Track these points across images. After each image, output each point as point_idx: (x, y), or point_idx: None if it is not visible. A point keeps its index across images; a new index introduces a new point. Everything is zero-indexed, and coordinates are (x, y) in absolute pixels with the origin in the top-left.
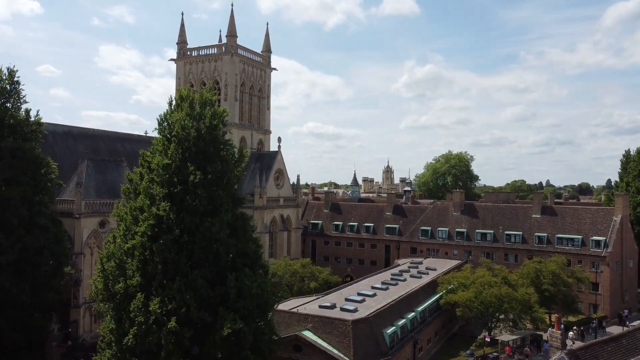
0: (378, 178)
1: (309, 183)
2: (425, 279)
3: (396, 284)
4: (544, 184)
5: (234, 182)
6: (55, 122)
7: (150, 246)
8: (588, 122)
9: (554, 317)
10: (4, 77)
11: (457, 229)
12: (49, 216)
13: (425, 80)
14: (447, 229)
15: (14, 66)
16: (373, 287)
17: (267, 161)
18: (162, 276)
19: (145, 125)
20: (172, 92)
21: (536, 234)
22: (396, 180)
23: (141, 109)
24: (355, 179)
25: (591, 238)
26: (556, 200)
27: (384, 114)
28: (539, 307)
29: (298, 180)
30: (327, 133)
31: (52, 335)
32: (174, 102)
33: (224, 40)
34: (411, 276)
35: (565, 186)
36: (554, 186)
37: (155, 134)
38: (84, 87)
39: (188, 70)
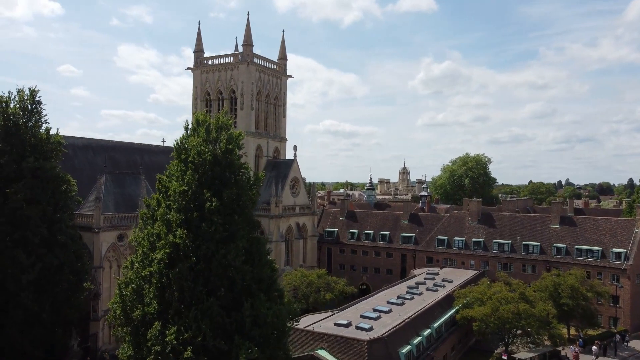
0: (394, 176)
1: (325, 182)
2: (442, 292)
3: (412, 298)
4: (563, 183)
5: (249, 205)
6: (75, 134)
7: (167, 273)
8: (609, 118)
9: (573, 331)
10: (26, 97)
11: (474, 239)
12: (68, 233)
13: (443, 77)
14: (463, 238)
15: (35, 86)
16: (389, 302)
17: (283, 169)
18: (179, 303)
19: (163, 123)
20: (190, 97)
21: (555, 244)
22: (412, 178)
23: (159, 108)
24: (371, 184)
25: (611, 250)
26: (575, 201)
27: (400, 111)
28: (558, 321)
29: (314, 188)
30: (344, 131)
31: (71, 351)
32: (190, 127)
33: (240, 48)
34: (427, 289)
35: (586, 185)
36: (574, 185)
37: (172, 140)
38: (104, 87)
39: (205, 79)
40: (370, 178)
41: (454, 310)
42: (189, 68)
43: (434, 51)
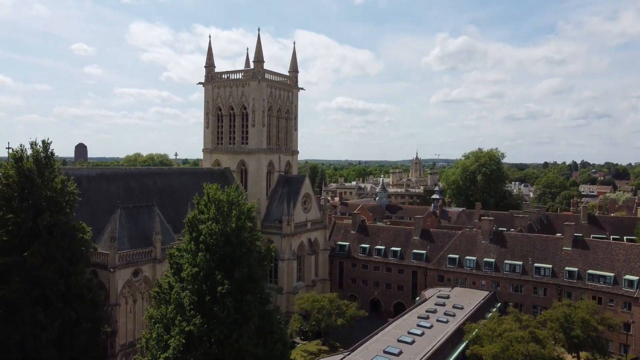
0: (407, 154)
1: (338, 163)
2: (452, 324)
3: (422, 334)
4: (578, 163)
5: (261, 277)
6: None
7: (182, 358)
8: (629, 93)
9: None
10: (39, 150)
11: (486, 259)
12: (84, 285)
13: (458, 52)
14: (475, 258)
15: (47, 138)
16: (399, 341)
17: (295, 186)
18: None
19: (176, 101)
20: (201, 110)
21: (567, 268)
22: (426, 156)
23: (172, 86)
24: (383, 186)
25: (624, 277)
26: (590, 187)
27: (414, 88)
28: (568, 351)
29: (325, 202)
30: (357, 108)
31: None
32: (201, 204)
33: (251, 56)
34: (437, 320)
35: (601, 166)
36: (589, 165)
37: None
38: (117, 65)
39: (216, 94)
40: (382, 180)
41: (464, 345)
42: (200, 83)
43: (450, 26)
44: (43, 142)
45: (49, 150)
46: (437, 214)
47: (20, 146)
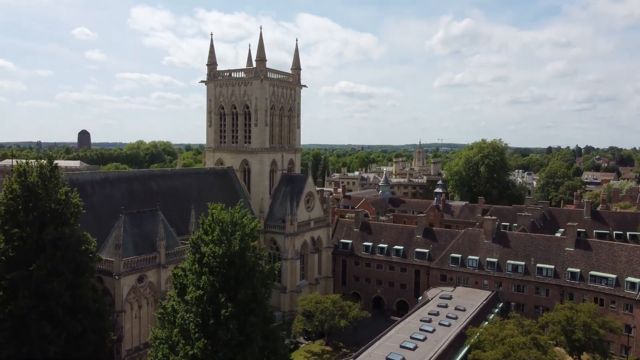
0: (409, 139)
1: (340, 147)
2: (454, 328)
3: (424, 339)
4: (582, 148)
5: (265, 297)
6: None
7: None
8: (634, 76)
9: None
10: (44, 164)
11: (488, 259)
12: (90, 297)
13: (462, 36)
14: (477, 257)
15: (51, 148)
16: (402, 347)
17: (298, 184)
18: None
19: (178, 86)
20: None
21: (569, 269)
22: (429, 141)
23: (174, 70)
24: (386, 179)
25: (626, 279)
26: (593, 174)
27: (417, 71)
28: (569, 354)
29: (328, 200)
30: (359, 92)
31: None
32: (205, 224)
33: (254, 53)
34: (440, 323)
35: (605, 152)
36: (593, 149)
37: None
38: (119, 49)
39: (219, 93)
40: (385, 173)
41: (466, 349)
42: (202, 81)
43: (454, 9)
44: (48, 155)
45: (54, 164)
46: (440, 208)
47: (25, 161)
